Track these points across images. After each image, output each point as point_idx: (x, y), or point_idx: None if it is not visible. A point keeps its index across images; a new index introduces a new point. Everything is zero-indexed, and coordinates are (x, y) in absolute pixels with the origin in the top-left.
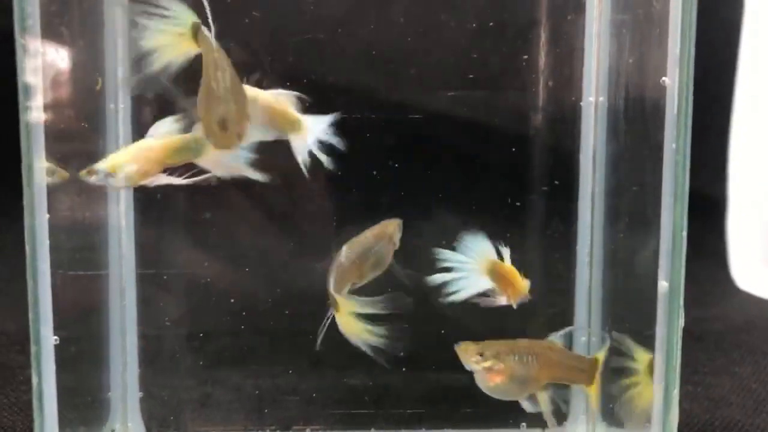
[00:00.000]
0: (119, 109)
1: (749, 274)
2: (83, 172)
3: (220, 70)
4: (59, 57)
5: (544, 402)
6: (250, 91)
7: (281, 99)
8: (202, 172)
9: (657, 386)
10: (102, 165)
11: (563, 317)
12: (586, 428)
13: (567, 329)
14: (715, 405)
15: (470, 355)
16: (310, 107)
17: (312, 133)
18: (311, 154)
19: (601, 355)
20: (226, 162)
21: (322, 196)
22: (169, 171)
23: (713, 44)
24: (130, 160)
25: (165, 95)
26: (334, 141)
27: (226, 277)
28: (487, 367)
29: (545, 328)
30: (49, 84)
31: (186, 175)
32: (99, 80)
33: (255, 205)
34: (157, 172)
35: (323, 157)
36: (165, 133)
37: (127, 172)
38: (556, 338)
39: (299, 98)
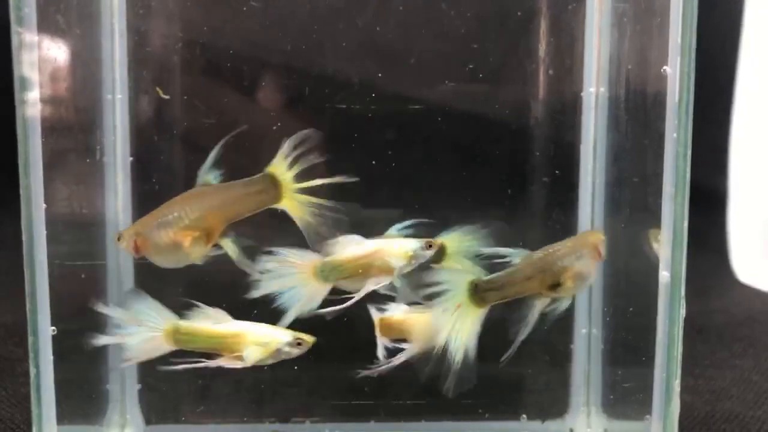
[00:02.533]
0: (116, 99)
1: (750, 267)
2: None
3: None
4: (56, 47)
5: (230, 249)
6: None
7: None
8: None
9: (658, 377)
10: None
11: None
12: (586, 420)
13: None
14: (716, 397)
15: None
16: (309, 97)
17: None
18: None
19: (276, 168)
20: None
21: (322, 190)
22: None
23: (715, 34)
24: None
25: None
26: None
27: (226, 269)
28: (131, 245)
29: (546, 319)
30: (46, 75)
31: None
32: (159, 90)
33: None
34: None
35: None
36: None
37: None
38: (208, 175)
39: None
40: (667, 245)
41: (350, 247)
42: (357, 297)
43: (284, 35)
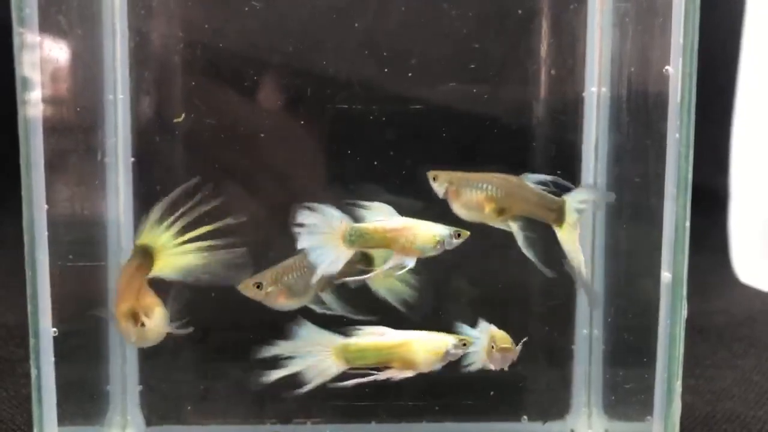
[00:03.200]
0: (118, 100)
1: (751, 267)
2: None
3: None
4: (57, 48)
5: (161, 315)
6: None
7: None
8: None
9: (659, 378)
10: None
11: (565, 309)
12: (587, 420)
13: None
14: (717, 398)
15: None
16: (310, 97)
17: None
18: None
19: (145, 239)
20: None
21: (324, 189)
22: None
23: (716, 34)
24: None
25: None
26: None
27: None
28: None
29: (546, 320)
30: (48, 76)
31: None
32: (181, 115)
33: (254, 198)
34: None
35: None
36: None
37: None
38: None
39: None
40: (669, 246)
41: (381, 216)
42: (377, 271)
43: (285, 35)
